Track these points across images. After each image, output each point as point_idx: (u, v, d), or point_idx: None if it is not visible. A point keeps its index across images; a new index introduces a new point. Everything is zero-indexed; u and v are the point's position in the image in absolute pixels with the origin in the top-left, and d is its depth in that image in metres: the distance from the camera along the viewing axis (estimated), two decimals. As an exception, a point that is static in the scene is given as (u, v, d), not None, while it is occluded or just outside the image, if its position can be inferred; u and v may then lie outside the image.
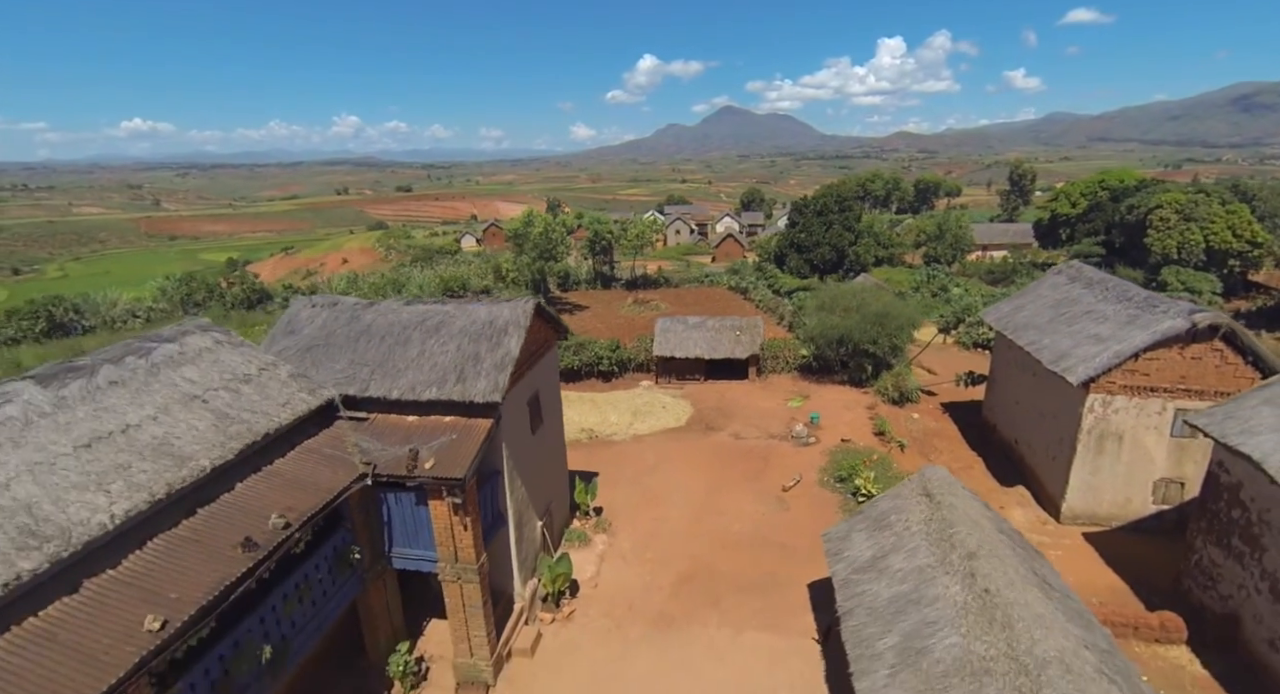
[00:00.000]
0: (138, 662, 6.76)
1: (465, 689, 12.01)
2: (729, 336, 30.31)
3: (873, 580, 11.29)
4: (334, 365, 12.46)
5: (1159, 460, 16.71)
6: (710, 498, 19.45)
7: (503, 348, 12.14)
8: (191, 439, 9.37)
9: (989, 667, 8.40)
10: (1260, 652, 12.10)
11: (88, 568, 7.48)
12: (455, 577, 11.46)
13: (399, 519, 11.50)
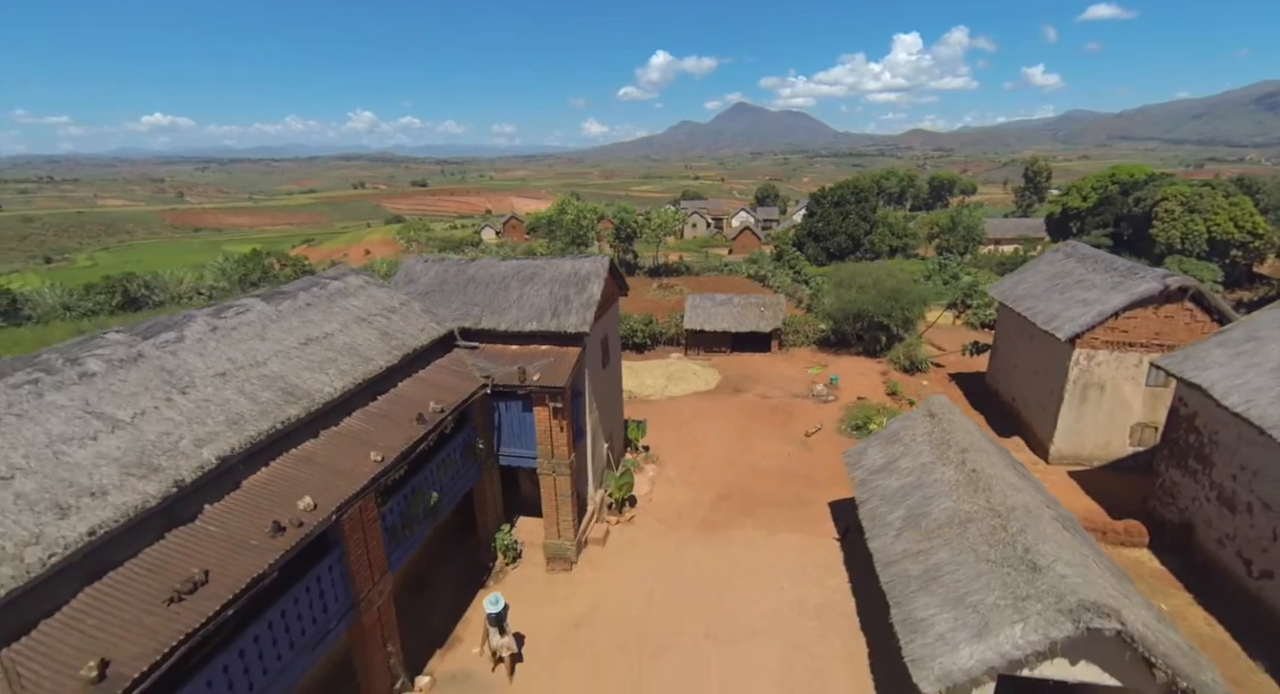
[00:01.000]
0: (374, 476, 9.74)
1: (553, 563, 14.96)
2: (753, 312, 33.08)
3: (884, 477, 14.09)
4: (449, 306, 15.42)
5: (1136, 407, 19.29)
6: (741, 441, 22.29)
7: (587, 292, 15.04)
8: (368, 346, 12.37)
9: (971, 516, 11.19)
10: (1210, 549, 14.71)
11: (323, 424, 10.47)
12: (551, 470, 14.41)
13: (507, 423, 14.46)
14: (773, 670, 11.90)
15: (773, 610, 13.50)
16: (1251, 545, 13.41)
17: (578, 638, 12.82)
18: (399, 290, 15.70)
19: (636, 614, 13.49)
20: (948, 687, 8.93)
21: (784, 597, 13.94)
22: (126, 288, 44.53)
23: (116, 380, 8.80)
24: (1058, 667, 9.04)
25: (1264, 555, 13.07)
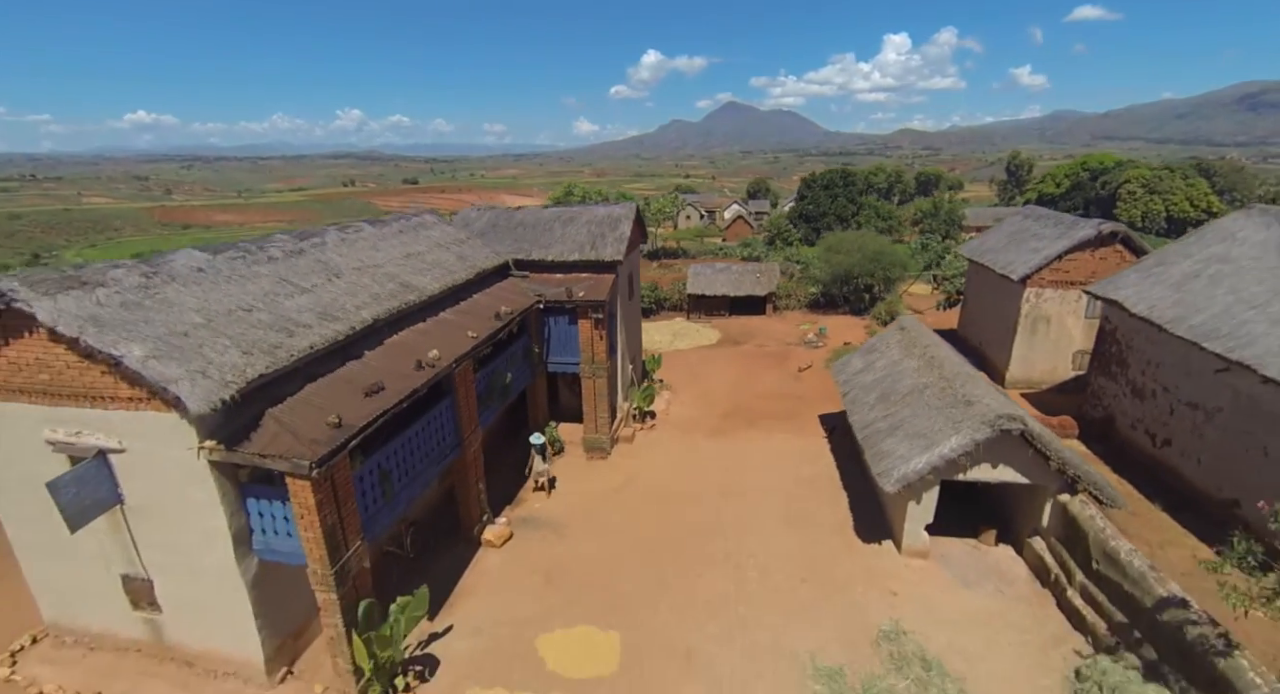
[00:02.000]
0: (473, 345, 12.87)
1: (592, 453, 18.11)
2: (750, 277, 36.38)
3: (863, 375, 17.38)
4: (502, 243, 18.51)
5: (1076, 337, 22.70)
6: (742, 377, 25.55)
7: (619, 230, 18.20)
8: (449, 264, 15.47)
9: (927, 385, 14.48)
10: (1125, 433, 18.07)
11: (429, 313, 13.57)
12: (591, 374, 17.55)
13: (556, 335, 17.60)
14: (774, 510, 15.14)
15: (772, 480, 16.73)
16: (1155, 423, 16.79)
17: (618, 498, 15.99)
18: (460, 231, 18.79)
19: (663, 483, 16.68)
20: (904, 485, 12.21)
21: (781, 472, 17.18)
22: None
23: (291, 265, 11.88)
24: (983, 471, 12.35)
25: (1163, 428, 16.45)
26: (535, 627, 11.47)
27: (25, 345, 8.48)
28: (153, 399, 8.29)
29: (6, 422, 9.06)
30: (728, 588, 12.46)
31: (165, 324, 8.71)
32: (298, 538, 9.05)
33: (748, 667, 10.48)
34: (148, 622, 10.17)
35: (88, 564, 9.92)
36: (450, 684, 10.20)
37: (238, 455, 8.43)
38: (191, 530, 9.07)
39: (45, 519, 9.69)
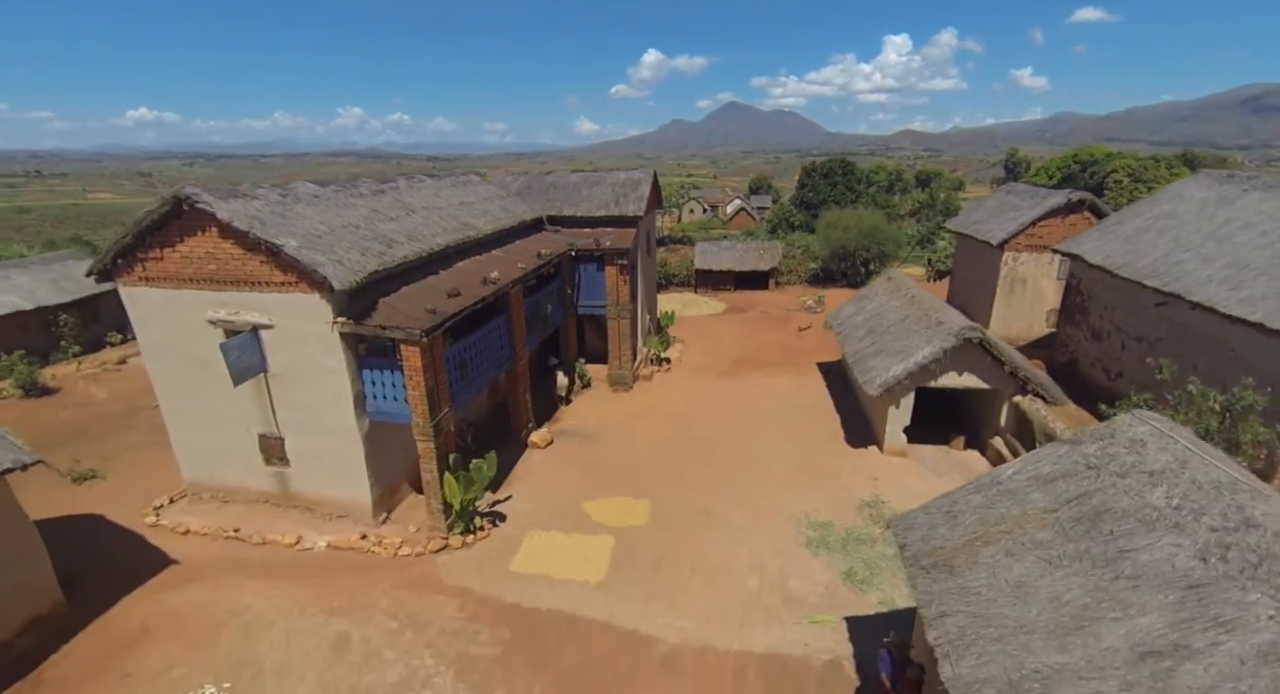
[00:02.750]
0: (524, 273, 15.34)
1: (615, 387, 20.58)
2: (754, 254, 38.85)
3: (854, 317, 19.85)
4: (536, 202, 20.98)
5: (1049, 296, 25.14)
6: (747, 335, 28.03)
7: (639, 191, 20.68)
8: (496, 213, 17.96)
9: (908, 317, 16.95)
10: (1086, 372, 20.50)
11: (485, 249, 16.04)
12: (616, 315, 20.02)
13: (585, 281, 20.07)
14: (775, 426, 17.62)
15: (774, 407, 19.19)
16: (1109, 359, 19.25)
17: (641, 418, 18.45)
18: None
19: (679, 409, 19.15)
20: (885, 390, 14.67)
21: (782, 401, 19.65)
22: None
23: (378, 200, 14.35)
24: (950, 378, 14.81)
25: (1116, 363, 18.91)
26: (580, 497, 13.95)
27: (198, 241, 10.95)
28: (299, 282, 10.77)
29: (176, 306, 11.54)
30: (737, 474, 14.93)
31: (303, 229, 11.18)
32: (403, 401, 11.54)
33: (755, 521, 12.95)
34: (276, 475, 12.65)
35: (230, 426, 12.40)
36: (516, 529, 12.68)
37: (364, 327, 10.91)
38: (321, 393, 11.55)
39: (198, 391, 12.21)
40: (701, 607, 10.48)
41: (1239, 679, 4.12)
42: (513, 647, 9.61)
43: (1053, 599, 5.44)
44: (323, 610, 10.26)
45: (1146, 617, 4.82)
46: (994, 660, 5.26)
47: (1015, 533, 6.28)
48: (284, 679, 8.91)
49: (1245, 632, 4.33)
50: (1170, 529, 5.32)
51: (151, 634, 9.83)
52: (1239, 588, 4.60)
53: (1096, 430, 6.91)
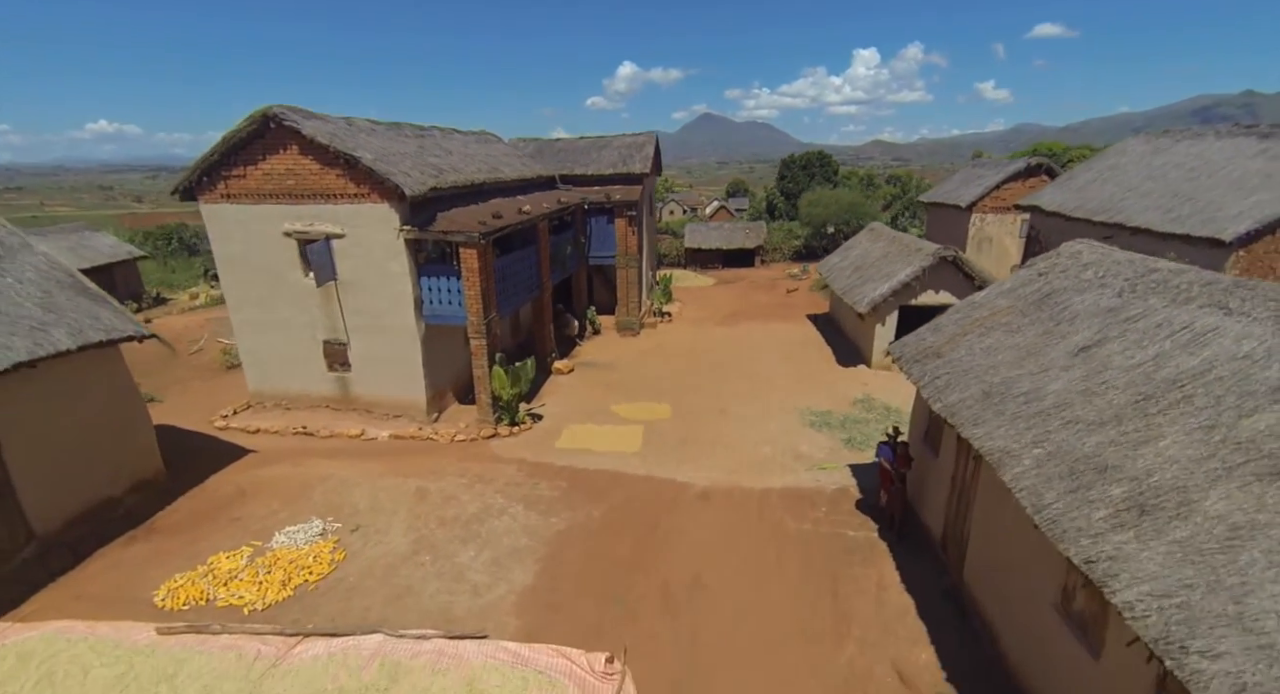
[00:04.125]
0: (549, 212, 17.00)
1: (623, 332, 22.28)
2: (740, 233, 40.99)
3: (841, 263, 21.91)
4: (549, 163, 22.69)
5: (1013, 253, 27.58)
6: (740, 297, 29.99)
7: (644, 151, 22.54)
8: (518, 165, 19.62)
9: (889, 253, 19.00)
10: (1047, 316, 22.84)
11: (511, 192, 17.65)
12: (625, 264, 21.76)
13: (596, 232, 21.79)
14: (774, 354, 19.50)
15: (772, 342, 21.09)
16: (1065, 296, 21.58)
17: (652, 353, 20.17)
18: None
19: (685, 346, 20.92)
20: (872, 308, 16.65)
21: (778, 338, 21.57)
22: (180, 236, 50.07)
23: (421, 142, 15.89)
24: (929, 296, 16.84)
25: (1071, 299, 21.24)
26: (607, 403, 15.59)
27: (279, 158, 12.43)
28: (371, 194, 12.30)
29: (255, 219, 12.95)
30: (744, 386, 16.73)
31: (372, 148, 12.72)
32: (457, 304, 13.10)
33: (764, 413, 14.73)
34: (338, 380, 14.05)
35: (297, 334, 13.78)
36: (554, 423, 14.26)
37: (428, 233, 12.49)
38: (385, 298, 13.04)
39: (268, 301, 13.61)
40: (726, 465, 12.19)
41: (1142, 347, 6.00)
42: (570, 491, 11.20)
43: (1013, 347, 7.32)
44: (398, 475, 11.72)
45: (1080, 334, 6.72)
46: (971, 388, 7.11)
47: (986, 322, 8.17)
48: (379, 515, 10.35)
49: (1146, 322, 6.23)
50: (1097, 288, 7.25)
51: (247, 495, 11.16)
52: (1142, 300, 6.51)
53: (1045, 255, 8.87)
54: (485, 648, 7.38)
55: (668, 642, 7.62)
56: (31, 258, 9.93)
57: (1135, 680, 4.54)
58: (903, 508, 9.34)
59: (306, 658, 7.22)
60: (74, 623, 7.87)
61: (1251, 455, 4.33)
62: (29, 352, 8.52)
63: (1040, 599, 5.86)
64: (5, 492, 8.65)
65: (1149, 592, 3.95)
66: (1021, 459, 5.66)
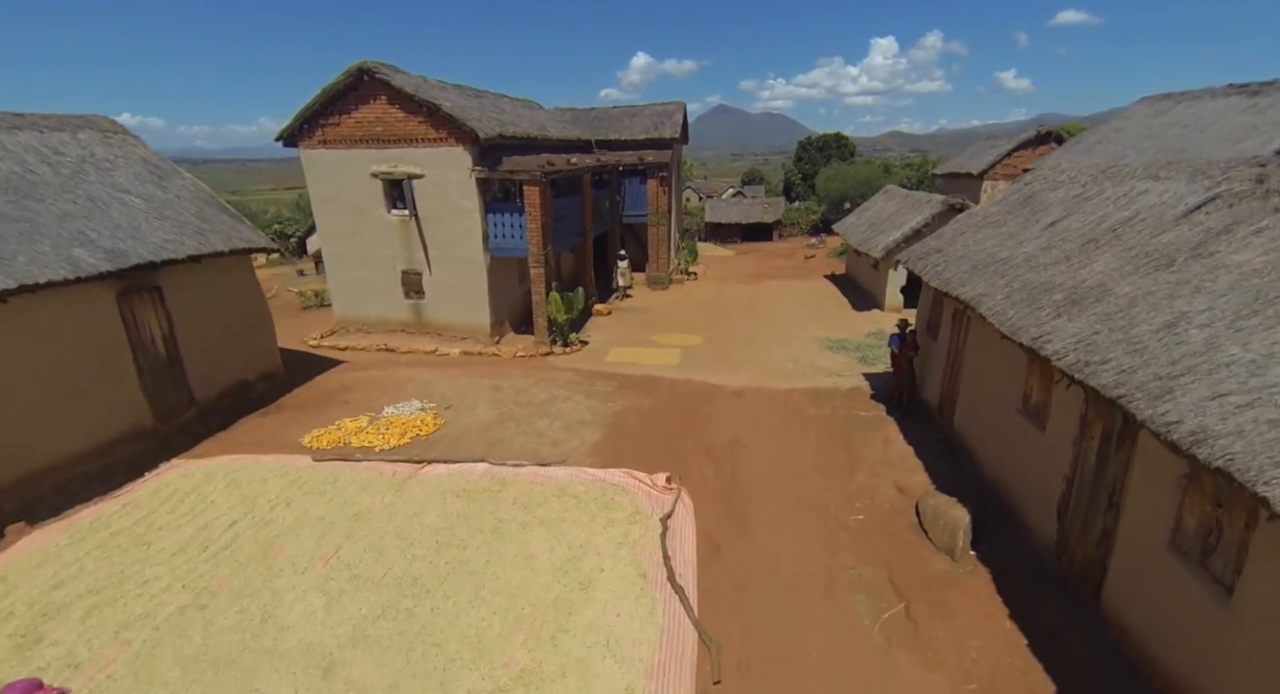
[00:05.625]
0: (587, 167, 18.83)
1: (653, 286, 24.12)
2: (759, 207, 42.57)
3: (856, 223, 23.54)
4: (587, 128, 24.49)
5: (1023, 219, 28.95)
6: (760, 263, 31.69)
7: (674, 119, 24.29)
8: (559, 128, 21.45)
9: (901, 209, 20.58)
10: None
11: (559, 150, 19.49)
12: (656, 222, 23.57)
13: (629, 193, 23.61)
14: (796, 303, 21.25)
15: (792, 295, 22.84)
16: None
17: (681, 303, 22.00)
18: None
19: (712, 298, 22.73)
20: (885, 252, 18.31)
21: (798, 292, 23.30)
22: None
23: (480, 100, 17.78)
24: (939, 242, 18.42)
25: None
26: (646, 334, 17.47)
27: (369, 108, 14.39)
28: (448, 138, 14.22)
29: (347, 163, 14.95)
30: (768, 324, 18.52)
31: (447, 99, 14.61)
32: (519, 238, 15.01)
33: (786, 342, 16.52)
34: (413, 306, 16.07)
35: (379, 265, 15.80)
36: (600, 347, 16.17)
37: (497, 173, 14.39)
38: (458, 231, 14.99)
39: (354, 236, 15.62)
40: (754, 374, 14.01)
41: (1092, 213, 7.72)
42: (621, 387, 13.11)
43: (999, 234, 9.06)
44: (474, 376, 13.71)
45: (1049, 214, 8.44)
46: (962, 265, 8.86)
47: (979, 222, 9.90)
48: (464, 399, 12.33)
49: (1098, 198, 7.94)
50: (1068, 184, 8.97)
51: (351, 389, 13.21)
52: (1098, 186, 8.22)
53: (1029, 169, 10.54)
54: (569, 471, 9.33)
55: (712, 476, 9.49)
56: (182, 180, 11.99)
57: (1065, 438, 6.32)
58: (910, 389, 11.12)
59: (431, 475, 9.22)
60: (242, 456, 9.96)
61: (1153, 259, 6.07)
62: (196, 248, 10.56)
63: (1007, 408, 7.63)
64: (175, 362, 10.74)
65: (1071, 341, 5.73)
66: (995, 296, 7.43)
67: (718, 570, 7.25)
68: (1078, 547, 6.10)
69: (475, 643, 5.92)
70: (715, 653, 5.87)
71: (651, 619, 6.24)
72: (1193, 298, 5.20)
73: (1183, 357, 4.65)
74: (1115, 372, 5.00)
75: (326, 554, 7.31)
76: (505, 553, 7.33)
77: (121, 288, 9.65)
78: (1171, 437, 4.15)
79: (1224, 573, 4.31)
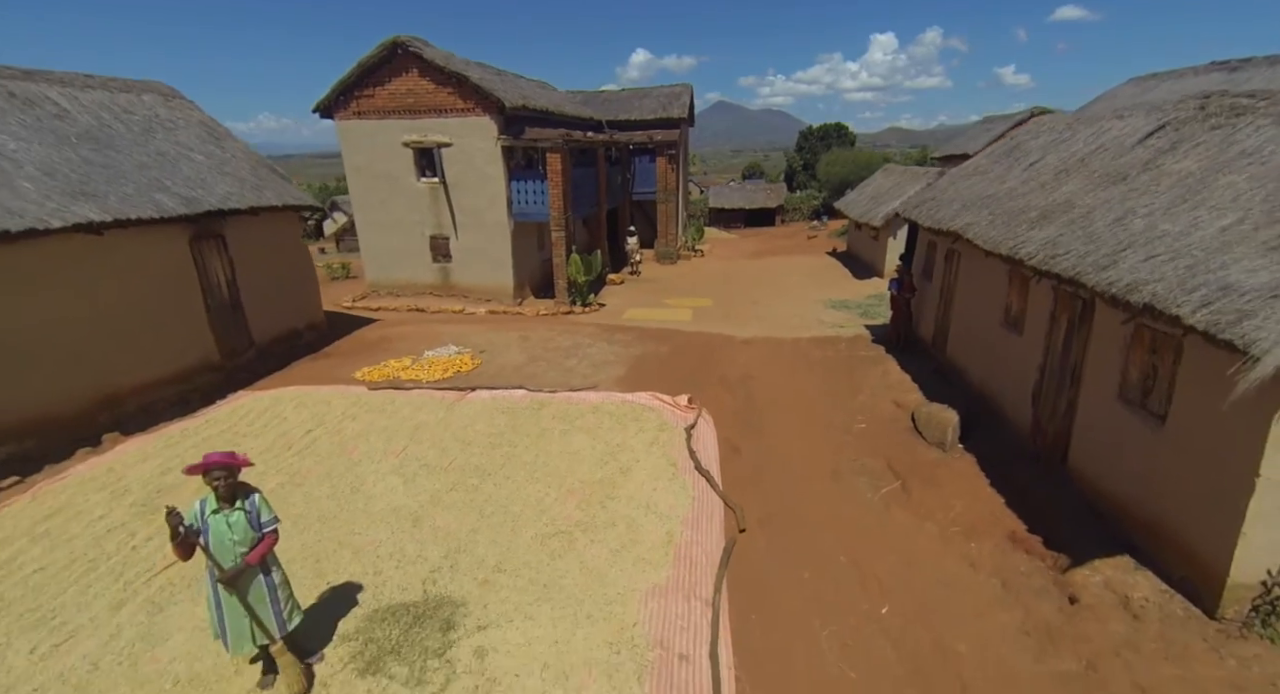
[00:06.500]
0: (605, 141, 19.82)
1: (662, 260, 25.12)
2: (762, 193, 43.57)
3: (857, 198, 24.53)
4: (598, 109, 25.47)
5: (1018, 198, 29.96)
6: (764, 244, 32.72)
7: (681, 100, 25.30)
8: (572, 105, 22.41)
9: (902, 182, 21.57)
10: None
11: (574, 126, 20.47)
12: (664, 199, 24.57)
13: (639, 171, 24.61)
14: (800, 275, 22.29)
15: (796, 267, 23.86)
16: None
17: (689, 275, 23.04)
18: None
19: (720, 271, 23.75)
20: (885, 221, 19.31)
21: (801, 266, 24.33)
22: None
23: (499, 75, 18.76)
24: (935, 211, 19.44)
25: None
26: (658, 298, 18.51)
27: (401, 80, 15.37)
28: (475, 108, 15.21)
29: (380, 133, 15.94)
30: (774, 290, 19.56)
31: (473, 72, 15.60)
32: (541, 204, 16.00)
33: (791, 303, 17.56)
34: (440, 269, 17.08)
35: (409, 231, 16.81)
36: (617, 308, 17.19)
37: (521, 141, 15.39)
38: (484, 197, 15.99)
39: (387, 203, 16.63)
40: (762, 328, 15.04)
41: (1068, 150, 8.73)
42: (640, 337, 14.13)
43: (986, 179, 10.08)
44: (502, 330, 14.73)
45: (1031, 158, 9.46)
46: (953, 206, 9.89)
47: (969, 173, 10.92)
48: (496, 346, 13.35)
49: (1072, 139, 8.96)
50: (1048, 133, 9.98)
51: (389, 340, 14.23)
52: (1072, 130, 9.25)
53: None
54: (600, 395, 10.37)
55: (729, 401, 10.52)
56: (235, 143, 13.00)
57: (1039, 335, 7.35)
58: (907, 328, 12.16)
59: (477, 399, 10.25)
60: (303, 386, 10.98)
61: (1111, 177, 7.10)
62: (255, 201, 11.57)
63: (992, 325, 8.66)
64: (237, 306, 11.76)
65: (1040, 244, 6.75)
66: (979, 223, 8.45)
67: (737, 465, 8.28)
68: (1048, 424, 7.14)
69: (536, 505, 6.95)
70: (739, 512, 6.91)
71: (684, 492, 7.27)
72: (1139, 199, 6.22)
73: (1126, 238, 5.68)
74: (1074, 259, 6.03)
75: (396, 450, 8.34)
76: (551, 450, 8.36)
77: (193, 233, 10.65)
78: (1112, 292, 5.17)
79: (1158, 406, 5.34)
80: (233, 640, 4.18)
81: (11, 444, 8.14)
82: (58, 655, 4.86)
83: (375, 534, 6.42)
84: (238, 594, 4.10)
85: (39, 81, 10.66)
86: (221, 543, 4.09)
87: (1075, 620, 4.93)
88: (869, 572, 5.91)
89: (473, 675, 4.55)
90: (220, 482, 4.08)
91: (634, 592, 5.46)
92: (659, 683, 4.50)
